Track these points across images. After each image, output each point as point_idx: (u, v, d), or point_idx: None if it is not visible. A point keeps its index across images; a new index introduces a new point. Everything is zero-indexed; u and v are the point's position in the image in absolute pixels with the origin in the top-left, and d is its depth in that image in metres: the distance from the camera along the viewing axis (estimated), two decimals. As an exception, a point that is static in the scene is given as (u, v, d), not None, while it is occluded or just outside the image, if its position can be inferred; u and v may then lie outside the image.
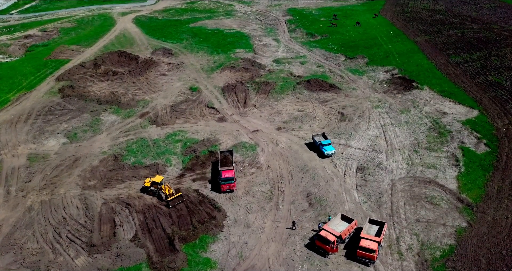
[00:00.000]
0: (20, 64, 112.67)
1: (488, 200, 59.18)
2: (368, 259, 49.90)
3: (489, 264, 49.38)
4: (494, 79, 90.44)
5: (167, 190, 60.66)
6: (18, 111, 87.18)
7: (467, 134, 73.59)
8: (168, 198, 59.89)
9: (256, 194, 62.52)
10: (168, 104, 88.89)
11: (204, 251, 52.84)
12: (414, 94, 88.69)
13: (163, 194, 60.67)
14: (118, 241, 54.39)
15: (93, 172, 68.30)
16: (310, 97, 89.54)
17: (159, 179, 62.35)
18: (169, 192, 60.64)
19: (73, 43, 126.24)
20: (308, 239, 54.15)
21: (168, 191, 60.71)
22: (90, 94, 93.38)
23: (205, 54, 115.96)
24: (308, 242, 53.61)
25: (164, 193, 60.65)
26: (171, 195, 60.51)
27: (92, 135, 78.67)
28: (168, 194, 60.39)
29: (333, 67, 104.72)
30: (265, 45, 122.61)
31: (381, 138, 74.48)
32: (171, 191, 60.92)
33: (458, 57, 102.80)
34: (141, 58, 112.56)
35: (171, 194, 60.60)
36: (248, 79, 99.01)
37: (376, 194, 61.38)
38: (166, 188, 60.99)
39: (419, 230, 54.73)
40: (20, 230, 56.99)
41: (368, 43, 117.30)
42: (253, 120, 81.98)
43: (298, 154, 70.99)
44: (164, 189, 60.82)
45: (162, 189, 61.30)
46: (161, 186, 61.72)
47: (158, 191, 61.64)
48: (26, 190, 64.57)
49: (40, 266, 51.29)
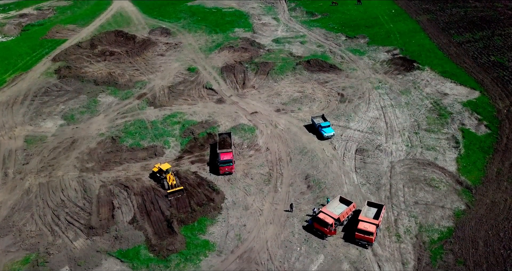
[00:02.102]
0: (16, 44, 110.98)
1: (487, 183, 59.00)
2: (366, 241, 50.04)
3: (487, 246, 49.52)
4: (496, 59, 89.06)
5: (170, 181, 59.29)
6: (14, 92, 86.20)
7: (467, 116, 72.90)
8: (169, 189, 58.55)
9: (254, 176, 62.32)
10: (166, 85, 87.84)
11: (202, 234, 52.96)
12: (415, 74, 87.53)
13: (166, 183, 59.35)
14: (116, 224, 54.47)
15: (91, 154, 67.95)
16: (309, 78, 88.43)
17: (165, 167, 60.88)
18: (171, 183, 59.25)
19: (69, 23, 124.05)
20: (305, 221, 54.19)
21: (171, 182, 59.16)
22: (87, 75, 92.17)
23: (203, 34, 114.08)
24: (306, 225, 53.66)
25: (167, 182, 59.40)
26: (172, 186, 59.15)
27: (90, 117, 78.00)
28: (170, 185, 59.03)
29: (334, 47, 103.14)
30: (264, 24, 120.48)
31: (381, 119, 73.83)
32: (173, 182, 59.41)
33: (461, 37, 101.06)
34: (138, 37, 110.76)
35: (173, 186, 59.18)
36: (247, 59, 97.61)
37: (375, 177, 61.17)
38: (171, 178, 59.53)
39: (417, 213, 54.74)
40: (18, 212, 57.02)
41: (369, 22, 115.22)
42: (252, 101, 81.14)
43: (297, 136, 70.49)
44: (168, 179, 59.49)
45: (166, 178, 59.94)
46: (166, 174, 60.45)
47: (162, 179, 60.56)
48: (23, 173, 64.35)
49: (39, 248, 51.48)
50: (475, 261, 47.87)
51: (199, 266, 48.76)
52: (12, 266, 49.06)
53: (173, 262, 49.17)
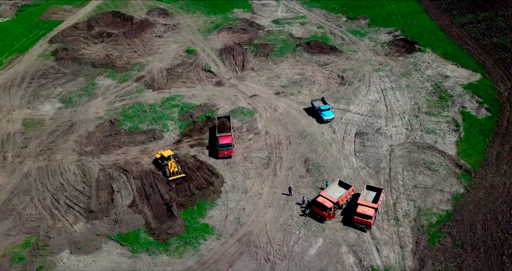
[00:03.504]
0: (12, 25, 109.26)
1: (487, 166, 58.95)
2: (364, 225, 50.30)
3: (485, 230, 49.82)
4: (499, 41, 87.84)
5: (172, 168, 58.48)
6: (11, 75, 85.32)
7: (468, 99, 72.36)
8: (171, 177, 57.87)
9: (254, 160, 62.23)
10: (164, 67, 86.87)
11: (202, 217, 53.19)
12: (416, 56, 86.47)
13: (168, 170, 58.63)
14: (116, 207, 54.66)
15: (89, 137, 67.72)
16: (310, 60, 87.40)
17: (167, 153, 59.75)
18: (173, 170, 58.40)
19: (65, 3, 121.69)
20: (302, 207, 54.31)
21: (172, 169, 58.44)
22: (85, 57, 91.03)
23: (202, 14, 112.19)
24: (303, 209, 53.81)
25: (168, 169, 58.51)
26: (174, 174, 58.37)
27: (88, 100, 77.41)
28: (171, 172, 58.46)
29: (334, 28, 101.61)
30: (264, 5, 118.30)
31: (381, 102, 73.31)
32: (175, 170, 58.45)
33: (463, 18, 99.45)
34: (136, 18, 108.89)
35: (174, 173, 58.34)
36: (246, 40, 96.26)
37: (374, 160, 61.09)
38: (172, 165, 58.91)
39: (416, 196, 54.87)
40: (18, 196, 57.17)
41: (370, 3, 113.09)
42: (251, 84, 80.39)
43: (296, 120, 70.11)
44: (170, 166, 58.88)
45: (167, 165, 59.12)
46: (167, 161, 59.63)
47: (164, 166, 59.71)
48: (22, 156, 64.26)
49: (39, 231, 51.80)
50: (473, 244, 48.22)
51: (199, 249, 49.14)
52: (12, 250, 49.44)
53: (173, 245, 49.53)
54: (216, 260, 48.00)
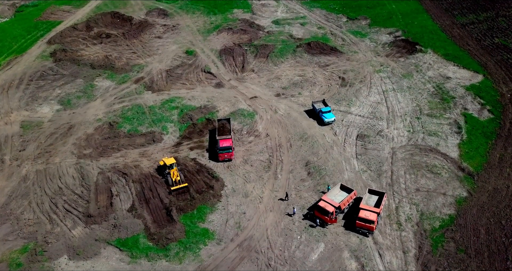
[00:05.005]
0: (10, 25, 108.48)
1: (490, 169, 58.34)
2: (367, 229, 49.71)
3: (488, 234, 49.23)
4: (500, 41, 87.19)
5: (174, 177, 57.07)
6: (9, 76, 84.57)
7: (470, 100, 71.72)
8: (173, 186, 56.25)
9: (254, 163, 61.59)
10: (163, 68, 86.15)
11: (202, 222, 52.56)
12: (417, 57, 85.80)
13: (170, 179, 56.95)
14: (115, 212, 54.02)
15: (88, 140, 67.05)
16: (310, 61, 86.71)
17: (169, 161, 57.54)
18: (175, 179, 56.71)
19: (64, 3, 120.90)
20: (306, 209, 53.76)
21: (175, 177, 56.80)
22: (83, 58, 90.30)
23: (201, 15, 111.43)
24: (306, 212, 53.24)
25: (170, 178, 57.11)
26: (176, 183, 56.67)
27: (86, 102, 76.71)
28: (174, 181, 56.84)
29: (335, 28, 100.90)
30: (263, 5, 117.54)
31: (382, 104, 72.66)
32: (177, 178, 56.76)
33: (464, 18, 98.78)
34: (135, 19, 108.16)
35: (177, 182, 56.74)
36: (246, 41, 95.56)
37: (376, 163, 60.47)
38: (175, 174, 57.18)
39: (418, 200, 54.26)
40: (16, 200, 56.52)
41: (371, 3, 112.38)
42: (252, 86, 79.70)
43: (297, 122, 69.45)
44: (172, 175, 57.17)
45: (170, 174, 57.28)
46: (169, 170, 57.53)
47: (166, 174, 57.72)
48: (20, 159, 63.60)
49: (38, 236, 51.14)
50: (476, 249, 47.64)
51: (199, 255, 48.51)
52: (10, 255, 48.77)
53: (173, 251, 48.90)
54: (217, 266, 47.38)
